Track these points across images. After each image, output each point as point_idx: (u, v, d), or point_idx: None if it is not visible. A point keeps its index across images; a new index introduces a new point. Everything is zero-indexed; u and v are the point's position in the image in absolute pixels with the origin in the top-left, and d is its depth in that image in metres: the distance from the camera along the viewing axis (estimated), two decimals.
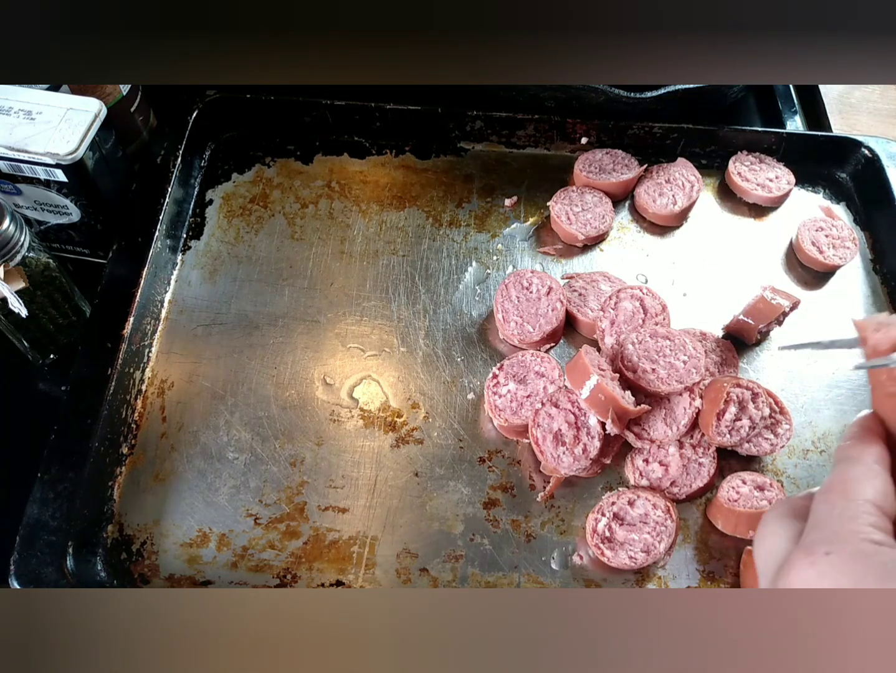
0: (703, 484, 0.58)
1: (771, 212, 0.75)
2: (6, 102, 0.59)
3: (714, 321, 0.67)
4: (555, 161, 0.77)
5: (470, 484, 0.59)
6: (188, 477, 0.58)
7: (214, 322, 0.66)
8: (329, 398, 0.62)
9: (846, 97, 0.89)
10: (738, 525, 0.56)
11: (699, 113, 0.76)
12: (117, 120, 0.67)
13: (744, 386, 0.59)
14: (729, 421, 0.57)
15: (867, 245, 0.74)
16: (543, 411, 0.58)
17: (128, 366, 0.60)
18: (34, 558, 0.52)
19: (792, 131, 0.80)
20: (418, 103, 0.75)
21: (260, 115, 0.76)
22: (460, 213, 0.73)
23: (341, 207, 0.73)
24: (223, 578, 0.55)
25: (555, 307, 0.64)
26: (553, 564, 0.56)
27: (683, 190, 0.72)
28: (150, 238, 0.65)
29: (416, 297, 0.68)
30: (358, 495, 0.58)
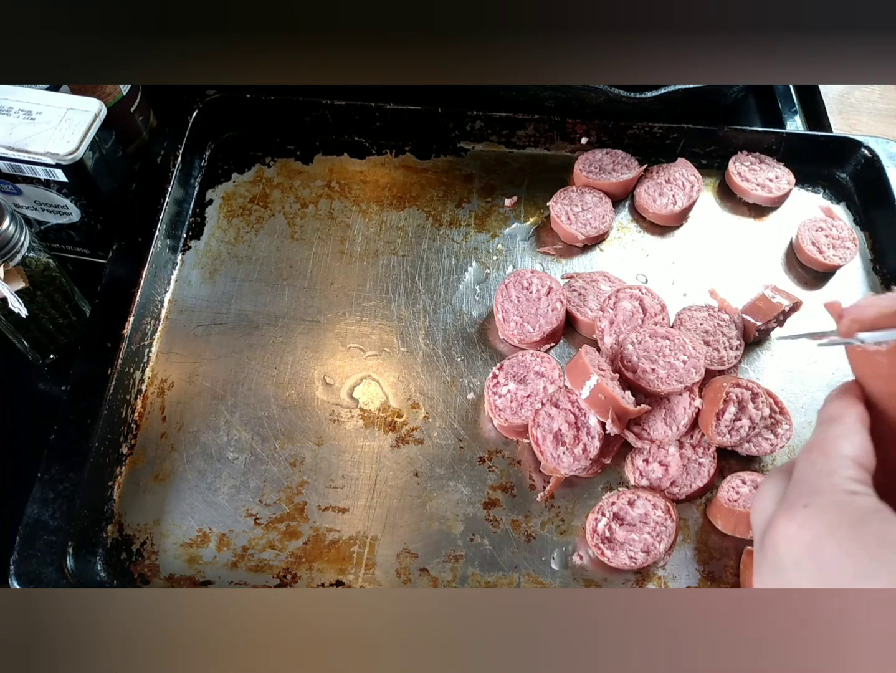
0: (703, 484, 0.58)
1: (771, 212, 0.75)
2: (6, 102, 0.59)
3: None
4: (555, 161, 0.77)
5: (470, 484, 0.59)
6: (188, 477, 0.58)
7: (214, 322, 0.66)
8: (329, 398, 0.62)
9: (846, 97, 0.89)
10: (738, 525, 0.56)
11: (699, 113, 0.76)
12: (117, 120, 0.67)
13: (743, 386, 0.59)
14: (728, 421, 0.57)
15: (867, 245, 0.74)
16: (543, 411, 0.58)
17: (128, 366, 0.60)
18: (34, 558, 0.52)
19: (792, 131, 0.80)
20: (418, 103, 0.75)
21: (260, 115, 0.76)
22: (460, 213, 0.73)
23: (341, 207, 0.73)
24: (223, 578, 0.55)
25: (555, 307, 0.64)
26: (553, 564, 0.56)
27: (683, 190, 0.72)
28: (150, 238, 0.65)
29: (416, 297, 0.68)
30: (358, 495, 0.58)
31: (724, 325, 0.64)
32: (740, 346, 0.64)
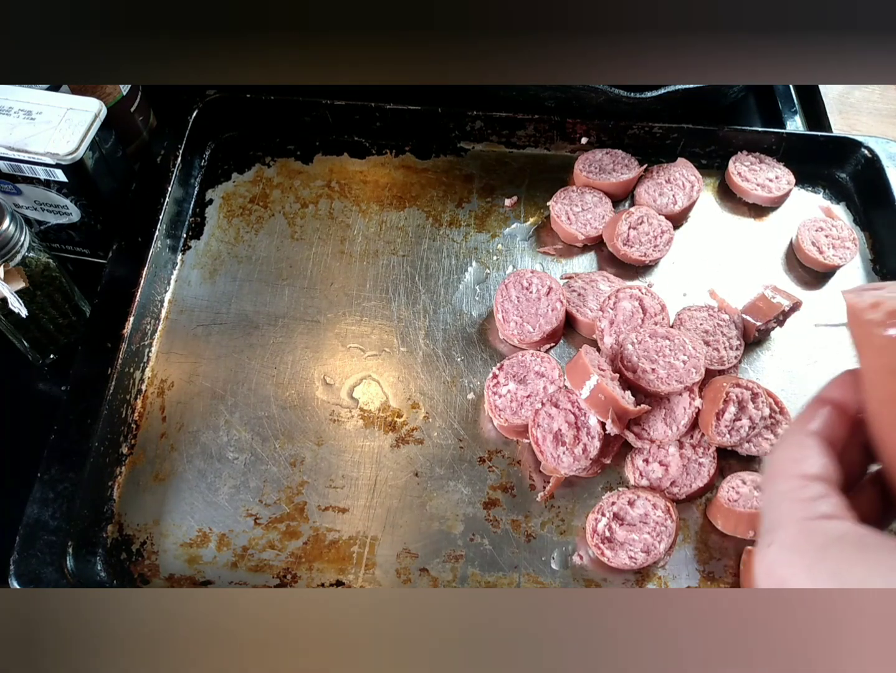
0: (703, 484, 0.58)
1: (771, 212, 0.75)
2: (6, 102, 0.59)
3: None
4: (555, 161, 0.77)
5: (470, 484, 0.59)
6: (188, 477, 0.58)
7: (214, 322, 0.66)
8: (329, 398, 0.62)
9: (846, 97, 0.89)
10: (738, 525, 0.56)
11: (699, 113, 0.76)
12: (117, 120, 0.67)
13: (743, 386, 0.59)
14: (728, 421, 0.57)
15: (867, 245, 0.74)
16: (543, 411, 0.58)
17: (128, 366, 0.60)
18: (34, 558, 0.52)
19: (792, 131, 0.80)
20: (418, 103, 0.75)
21: (260, 115, 0.76)
22: (460, 213, 0.73)
23: (341, 207, 0.73)
24: (223, 578, 0.55)
25: (554, 307, 0.64)
26: (553, 564, 0.56)
27: (683, 190, 0.72)
28: (150, 238, 0.65)
29: (416, 297, 0.68)
30: (358, 495, 0.58)
31: (723, 325, 0.64)
32: (740, 346, 0.64)
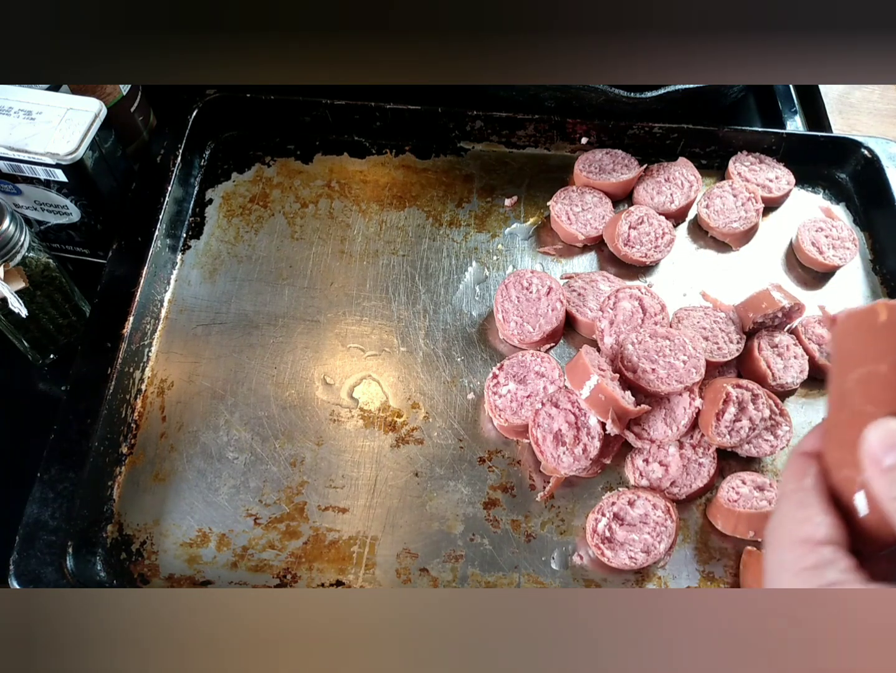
0: (703, 484, 0.58)
1: (771, 212, 0.75)
2: (6, 102, 0.59)
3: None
4: (555, 161, 0.77)
5: (470, 484, 0.59)
6: (188, 477, 0.58)
7: (214, 322, 0.66)
8: (329, 398, 0.62)
9: (846, 97, 0.89)
10: (738, 525, 0.56)
11: (699, 113, 0.76)
12: (117, 120, 0.67)
13: (744, 387, 0.59)
14: (728, 422, 0.57)
15: (867, 246, 0.74)
16: (543, 411, 0.58)
17: (127, 365, 0.60)
18: (34, 558, 0.52)
19: (792, 131, 0.80)
20: (418, 103, 0.75)
21: (260, 115, 0.76)
22: (460, 213, 0.73)
23: (341, 207, 0.73)
24: (223, 578, 0.55)
25: (554, 307, 0.64)
26: (553, 564, 0.56)
27: (682, 189, 0.72)
28: (150, 238, 0.65)
29: (416, 297, 0.68)
30: (358, 495, 0.58)
31: (720, 322, 0.64)
32: (741, 339, 0.63)
